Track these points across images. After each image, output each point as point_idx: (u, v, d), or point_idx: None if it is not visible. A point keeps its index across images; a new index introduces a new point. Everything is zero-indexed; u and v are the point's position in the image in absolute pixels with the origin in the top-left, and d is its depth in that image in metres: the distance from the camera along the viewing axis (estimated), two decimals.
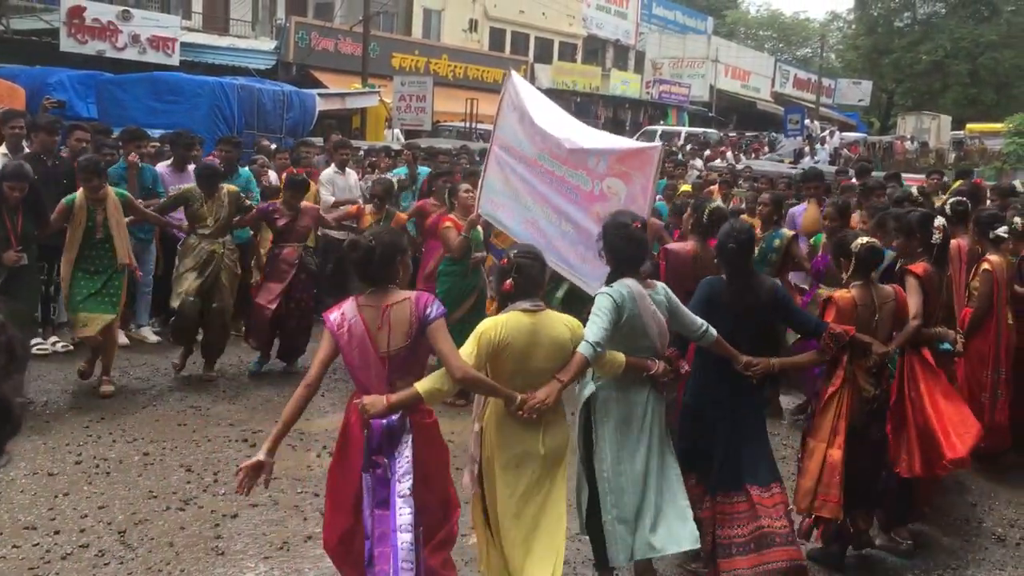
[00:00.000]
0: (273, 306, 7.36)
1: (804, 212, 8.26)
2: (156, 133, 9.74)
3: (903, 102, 50.66)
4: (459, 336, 7.01)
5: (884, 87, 51.92)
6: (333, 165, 9.79)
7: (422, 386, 3.48)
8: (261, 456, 3.53)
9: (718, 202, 6.15)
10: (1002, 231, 5.77)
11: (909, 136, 35.67)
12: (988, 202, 8.86)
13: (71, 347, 7.55)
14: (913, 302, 4.78)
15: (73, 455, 5.62)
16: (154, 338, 8.50)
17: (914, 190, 9.91)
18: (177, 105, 12.49)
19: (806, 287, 7.49)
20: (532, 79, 32.55)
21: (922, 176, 14.87)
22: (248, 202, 7.52)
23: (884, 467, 4.73)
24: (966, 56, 47.03)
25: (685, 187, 11.45)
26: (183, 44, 22.11)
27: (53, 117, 8.35)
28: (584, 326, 3.82)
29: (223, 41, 25.31)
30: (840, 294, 4.57)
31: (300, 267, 7.49)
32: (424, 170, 10.79)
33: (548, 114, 6.12)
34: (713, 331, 4.10)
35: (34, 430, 5.99)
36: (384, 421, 3.42)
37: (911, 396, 4.79)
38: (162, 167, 8.55)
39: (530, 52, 38.18)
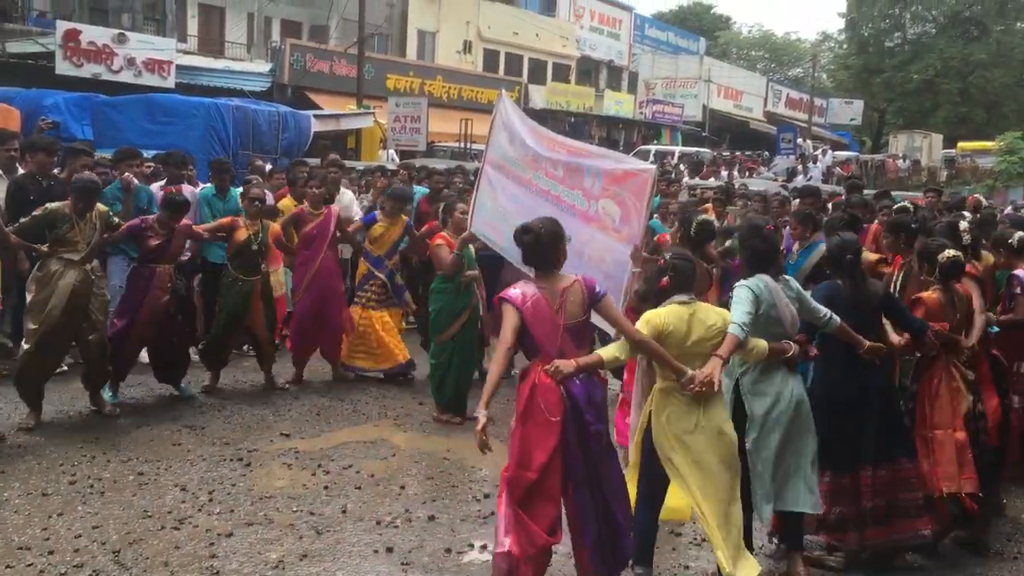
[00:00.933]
0: (129, 326, 6.91)
1: None
2: (150, 154, 9.73)
3: (894, 121, 50.99)
4: (454, 352, 7.09)
5: (875, 106, 52.27)
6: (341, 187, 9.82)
7: (605, 353, 4.20)
8: (482, 416, 3.99)
9: (706, 216, 6.18)
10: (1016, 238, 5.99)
11: (901, 154, 35.86)
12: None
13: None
14: (976, 296, 5.31)
15: (67, 475, 5.59)
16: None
17: (907, 206, 9.95)
18: (172, 126, 12.48)
19: None
20: (526, 100, 32.75)
21: (915, 194, 14.93)
22: (117, 220, 6.92)
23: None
24: (956, 75, 47.41)
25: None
26: (179, 67, 22.18)
27: (50, 138, 8.36)
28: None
29: (218, 64, 25.43)
30: (927, 295, 5.18)
31: (174, 288, 7.11)
32: (420, 190, 10.81)
33: (538, 136, 6.14)
34: (836, 319, 4.64)
35: (28, 450, 5.97)
36: (578, 381, 4.08)
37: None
38: (156, 187, 8.55)
39: (524, 73, 38.40)
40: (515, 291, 4.16)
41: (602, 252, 5.49)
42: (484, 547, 4.88)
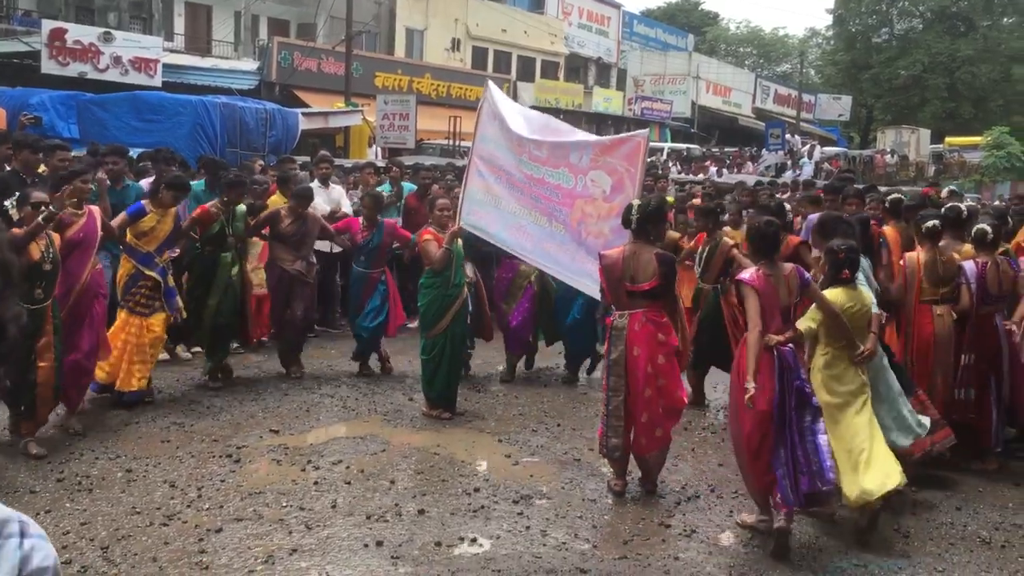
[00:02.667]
0: None
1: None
2: (137, 152, 9.70)
3: (883, 116, 51.17)
4: (445, 346, 7.07)
5: (863, 102, 52.44)
6: (316, 180, 9.81)
7: (801, 324, 5.11)
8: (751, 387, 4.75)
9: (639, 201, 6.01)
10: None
11: (889, 150, 36.04)
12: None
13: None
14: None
15: (55, 472, 5.56)
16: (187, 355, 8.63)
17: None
18: (159, 124, 12.45)
19: None
20: (515, 97, 32.68)
21: (901, 188, 15.06)
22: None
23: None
24: (944, 71, 47.61)
25: (668, 200, 11.49)
26: (165, 65, 22.10)
27: (35, 136, 8.31)
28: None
29: (206, 62, 25.36)
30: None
31: None
32: (409, 186, 10.80)
33: (525, 119, 6.13)
34: None
35: (14, 448, 5.93)
36: (788, 348, 4.87)
37: None
38: (145, 184, 8.51)
39: (513, 70, 38.36)
40: (747, 274, 4.94)
41: (599, 226, 5.54)
42: (474, 540, 4.88)
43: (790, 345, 4.91)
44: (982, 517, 5.58)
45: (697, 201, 10.93)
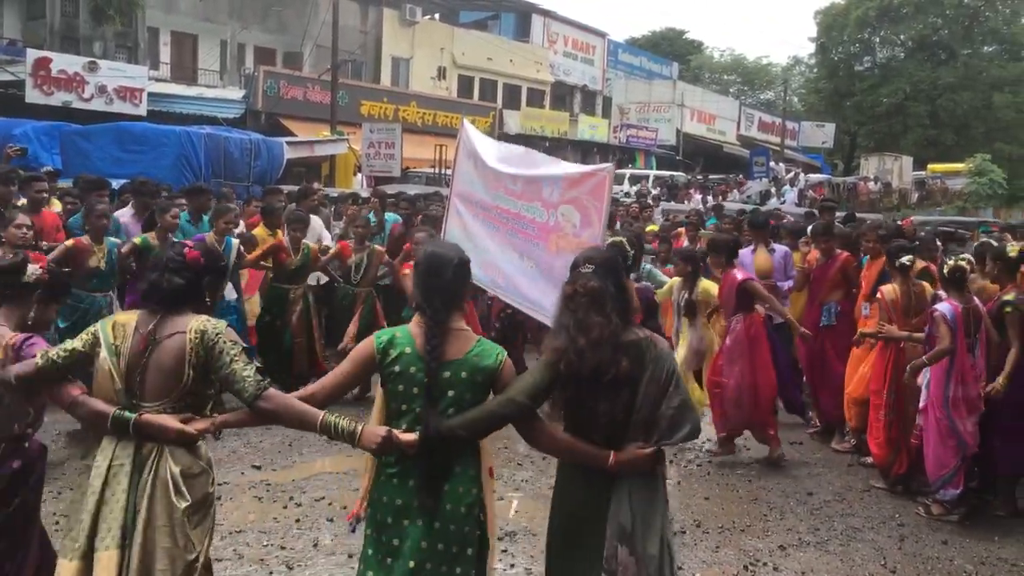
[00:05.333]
0: None
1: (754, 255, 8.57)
2: (120, 183, 9.66)
3: (866, 143, 51.58)
4: None
5: (847, 129, 52.90)
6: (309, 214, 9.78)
7: None
8: None
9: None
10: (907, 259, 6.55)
11: (872, 177, 36.28)
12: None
13: None
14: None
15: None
16: None
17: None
18: (142, 155, 12.42)
19: None
20: (500, 125, 32.89)
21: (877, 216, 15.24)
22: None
23: None
24: (925, 98, 48.10)
25: (652, 227, 11.55)
26: (151, 94, 22.14)
27: (10, 168, 8.25)
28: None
29: (191, 91, 25.40)
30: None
31: None
32: (392, 216, 10.79)
33: (502, 154, 6.12)
34: None
35: None
36: None
37: None
38: (125, 216, 8.46)
39: (498, 98, 38.57)
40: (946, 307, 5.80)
41: (570, 260, 5.52)
42: None
43: None
44: (968, 551, 5.55)
45: (682, 230, 10.99)
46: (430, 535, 3.08)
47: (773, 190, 28.64)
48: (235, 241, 7.86)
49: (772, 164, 34.48)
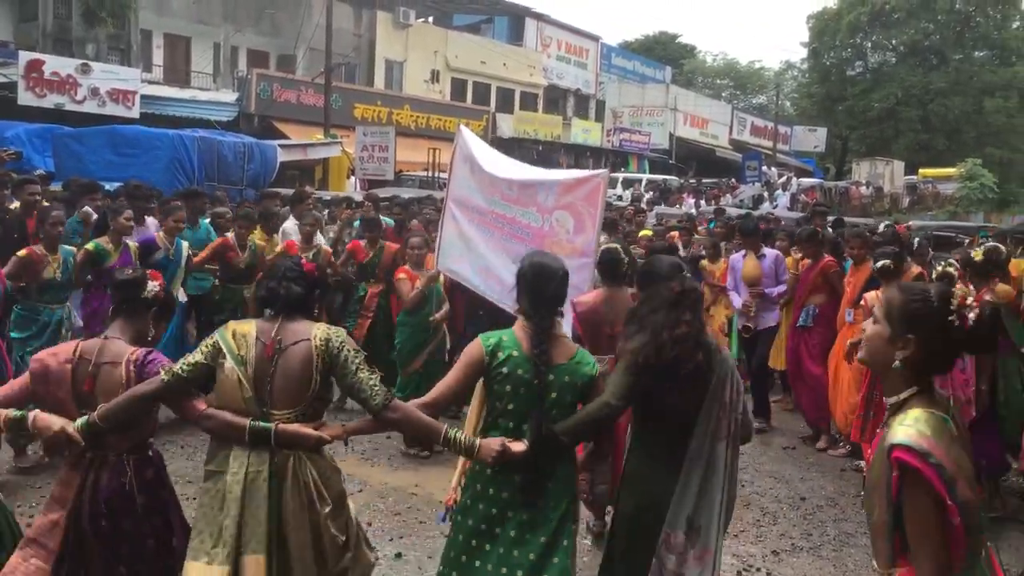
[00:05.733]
0: None
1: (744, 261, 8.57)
2: (112, 186, 9.63)
3: (857, 148, 51.78)
4: (423, 382, 7.03)
5: (839, 133, 53.09)
6: (292, 217, 9.75)
7: None
8: None
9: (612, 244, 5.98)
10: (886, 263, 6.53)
11: (864, 181, 36.43)
12: None
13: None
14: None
15: (24, 519, 5.44)
16: None
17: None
18: (135, 158, 12.39)
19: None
20: (494, 129, 32.92)
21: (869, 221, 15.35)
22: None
23: None
24: (917, 103, 48.32)
25: (646, 232, 11.55)
26: (144, 96, 22.10)
27: (2, 171, 8.25)
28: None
29: (184, 93, 25.34)
30: None
31: None
32: (386, 220, 10.78)
33: (497, 161, 6.14)
34: None
35: None
36: None
37: None
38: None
39: (492, 102, 38.59)
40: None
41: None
42: None
43: None
44: None
45: (675, 234, 11.01)
46: (533, 527, 3.35)
47: (766, 194, 28.71)
48: (185, 243, 7.68)
49: (764, 168, 34.58)
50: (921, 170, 42.37)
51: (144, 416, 3.44)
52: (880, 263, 6.53)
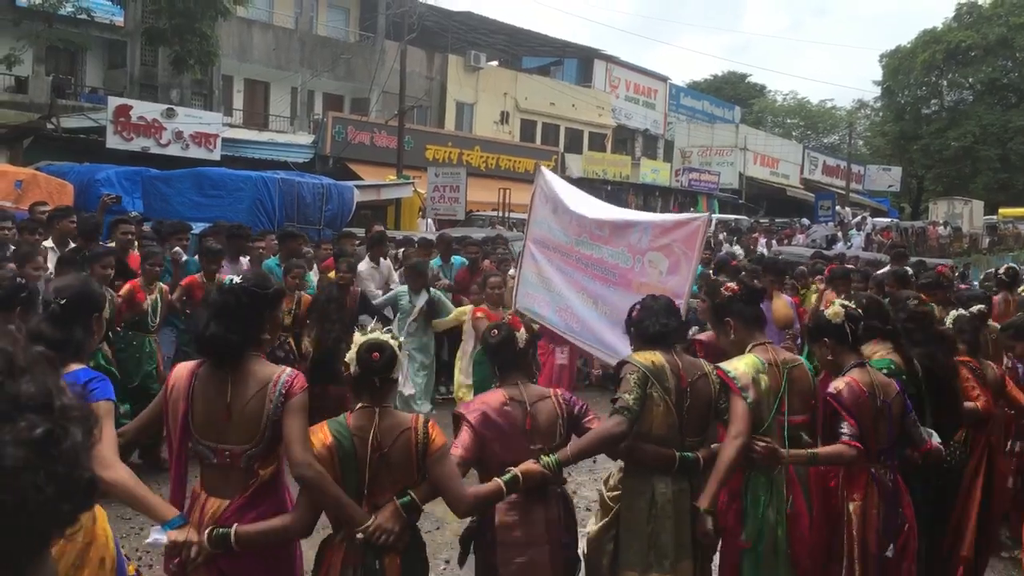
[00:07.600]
0: None
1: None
2: (199, 227, 9.95)
3: (934, 187, 50.77)
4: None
5: (914, 172, 52.12)
6: (368, 258, 9.95)
7: None
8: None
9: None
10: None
11: (942, 221, 35.59)
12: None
13: None
14: None
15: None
16: None
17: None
18: (220, 199, 12.74)
19: None
20: (563, 169, 33.09)
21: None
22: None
23: None
24: (995, 141, 47.23)
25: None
26: (225, 139, 22.78)
27: (86, 215, 8.58)
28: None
29: (263, 136, 26.06)
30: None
31: None
32: (458, 260, 10.92)
33: (585, 201, 6.18)
34: None
35: None
36: None
37: None
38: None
39: (560, 142, 38.86)
40: None
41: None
42: None
43: None
44: None
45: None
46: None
47: (839, 234, 28.25)
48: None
49: (838, 208, 34.07)
50: (1001, 210, 41.27)
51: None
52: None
